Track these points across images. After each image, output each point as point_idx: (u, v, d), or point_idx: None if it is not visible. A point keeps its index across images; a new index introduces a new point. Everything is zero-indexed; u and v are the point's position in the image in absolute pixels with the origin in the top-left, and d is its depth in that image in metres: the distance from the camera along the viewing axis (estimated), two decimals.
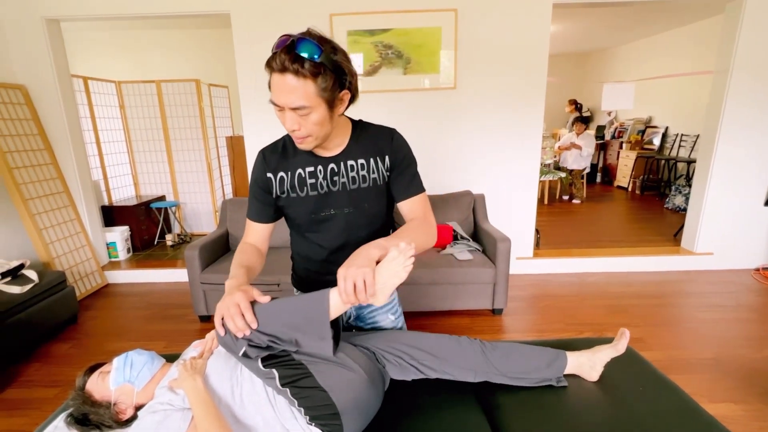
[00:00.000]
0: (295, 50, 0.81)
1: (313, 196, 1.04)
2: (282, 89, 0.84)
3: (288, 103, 0.85)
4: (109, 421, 1.03)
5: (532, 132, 3.08)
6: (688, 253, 3.38)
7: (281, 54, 0.82)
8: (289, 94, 0.84)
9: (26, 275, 2.43)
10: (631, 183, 6.40)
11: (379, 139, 1.05)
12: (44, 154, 3.02)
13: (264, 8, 2.85)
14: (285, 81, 0.83)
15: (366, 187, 1.05)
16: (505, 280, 2.53)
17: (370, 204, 1.07)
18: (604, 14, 5.00)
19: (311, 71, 0.82)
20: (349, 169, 1.03)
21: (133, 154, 4.33)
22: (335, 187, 1.04)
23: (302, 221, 1.09)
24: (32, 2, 2.84)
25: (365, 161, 1.04)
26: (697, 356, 2.16)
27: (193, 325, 2.62)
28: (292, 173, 1.04)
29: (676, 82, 5.80)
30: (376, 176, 1.04)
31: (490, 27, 2.87)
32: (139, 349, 1.14)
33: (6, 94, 2.83)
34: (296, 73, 0.82)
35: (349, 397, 0.97)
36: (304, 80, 0.83)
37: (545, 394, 1.14)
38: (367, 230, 1.09)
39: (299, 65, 0.81)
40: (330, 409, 0.95)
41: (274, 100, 0.87)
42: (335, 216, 1.06)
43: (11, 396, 1.98)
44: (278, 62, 0.82)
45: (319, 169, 1.03)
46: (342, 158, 1.03)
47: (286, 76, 0.83)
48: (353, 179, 1.04)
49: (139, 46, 5.18)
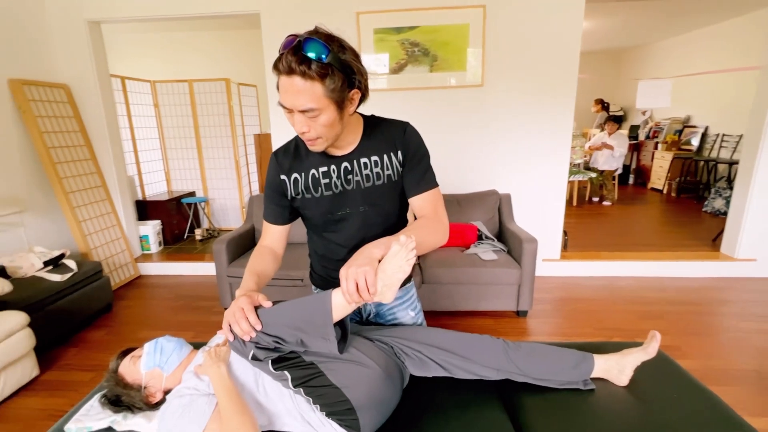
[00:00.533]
0: (302, 51, 0.79)
1: (327, 196, 1.03)
2: (290, 91, 0.82)
3: (296, 106, 0.83)
4: (140, 404, 1.07)
5: (561, 131, 3.00)
6: (728, 258, 3.21)
7: (288, 55, 0.79)
8: (297, 97, 0.82)
9: (66, 264, 2.56)
10: (667, 185, 6.13)
11: (392, 133, 1.03)
12: (84, 150, 3.18)
13: (292, 8, 2.90)
14: (292, 83, 0.81)
15: (380, 184, 1.03)
16: (530, 282, 2.48)
17: (385, 201, 1.06)
18: (640, 9, 4.81)
19: (319, 72, 0.79)
20: (362, 167, 1.01)
21: (165, 150, 4.50)
22: (349, 186, 1.02)
23: (318, 221, 1.08)
24: (76, 6, 3.00)
25: (378, 158, 1.01)
26: (736, 367, 2.04)
27: (219, 317, 2.70)
28: (306, 174, 1.02)
29: (718, 80, 5.52)
30: (390, 172, 1.03)
31: (520, 23, 2.81)
32: (168, 336, 1.18)
33: (51, 93, 2.99)
34: (303, 75, 0.79)
35: (363, 392, 0.98)
36: (312, 82, 0.80)
37: (571, 396, 1.11)
38: (383, 227, 1.09)
39: (306, 67, 0.79)
40: (345, 404, 0.96)
41: (282, 102, 0.85)
42: (351, 215, 1.05)
43: (51, 378, 2.09)
44: (285, 64, 0.80)
45: (333, 169, 1.01)
46: (355, 156, 1.01)
47: (293, 78, 0.80)
48: (367, 177, 1.02)
49: (173, 47, 5.38)
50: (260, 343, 0.94)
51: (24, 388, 2.00)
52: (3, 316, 1.91)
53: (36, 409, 1.85)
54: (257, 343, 0.94)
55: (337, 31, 0.87)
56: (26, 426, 1.74)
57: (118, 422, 1.05)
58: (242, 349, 0.97)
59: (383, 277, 0.85)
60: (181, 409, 0.97)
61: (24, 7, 2.85)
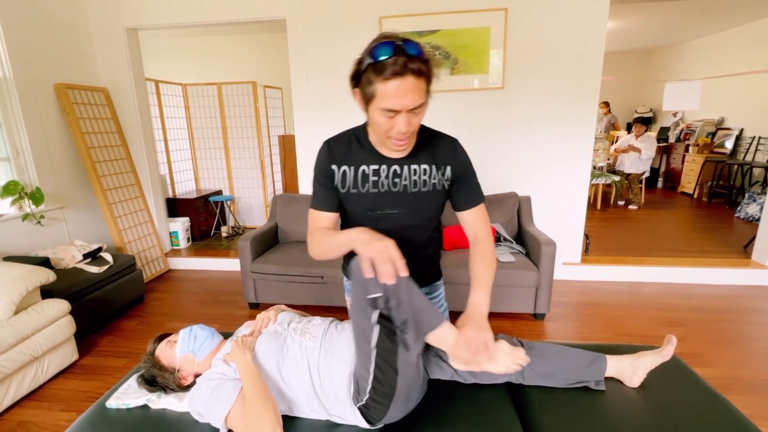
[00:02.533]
0: (407, 52, 0.83)
1: (372, 193, 1.06)
2: (401, 92, 0.84)
3: (409, 105, 0.85)
4: (173, 385, 1.16)
5: (583, 133, 2.97)
6: (760, 266, 3.10)
7: (398, 57, 0.82)
8: (410, 95, 0.85)
9: (103, 257, 2.73)
10: (697, 189, 5.93)
11: (443, 147, 1.07)
12: (120, 149, 3.37)
13: (317, 13, 2.99)
14: (405, 83, 0.83)
15: (426, 191, 1.07)
16: (548, 285, 2.48)
17: (427, 208, 1.10)
18: (669, 9, 4.68)
19: (425, 68, 0.85)
20: (412, 172, 1.05)
21: (195, 151, 4.68)
22: (396, 188, 1.05)
23: (357, 216, 1.10)
24: (115, 15, 3.19)
25: (428, 167, 1.06)
26: (763, 377, 1.99)
27: (242, 311, 2.81)
28: (356, 169, 1.05)
29: (754, 80, 5.30)
30: (435, 182, 1.07)
31: (542, 25, 2.81)
32: (202, 324, 1.27)
33: (91, 96, 3.19)
34: (415, 72, 0.83)
35: (406, 387, 1.02)
36: (420, 79, 0.85)
37: (581, 395, 1.14)
38: (419, 231, 1.13)
39: (416, 64, 0.83)
40: (390, 390, 1.00)
41: (391, 106, 0.85)
42: (391, 215, 1.08)
43: (88, 362, 2.24)
44: (398, 66, 0.82)
45: (383, 169, 1.04)
46: (407, 161, 1.05)
47: (406, 78, 0.83)
48: (415, 183, 1.06)
49: (203, 52, 5.59)
50: (381, 294, 0.92)
51: (65, 371, 2.15)
52: (48, 304, 2.06)
53: (75, 391, 1.99)
54: (383, 293, 0.91)
55: (356, 37, 0.91)
56: (67, 405, 1.88)
57: (153, 401, 1.15)
58: (372, 287, 0.91)
59: (491, 366, 1.02)
60: (209, 391, 1.05)
61: (68, 17, 3.05)
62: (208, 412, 1.03)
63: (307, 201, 3.10)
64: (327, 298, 2.67)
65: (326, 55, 3.06)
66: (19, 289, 1.94)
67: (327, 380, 1.06)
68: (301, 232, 3.06)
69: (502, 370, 1.07)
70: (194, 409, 1.07)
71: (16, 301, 1.92)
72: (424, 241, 1.17)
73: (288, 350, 1.12)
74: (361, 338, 1.00)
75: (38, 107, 2.80)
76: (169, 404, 1.14)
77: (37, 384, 1.97)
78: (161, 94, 4.20)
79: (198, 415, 1.06)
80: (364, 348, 0.99)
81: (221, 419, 1.01)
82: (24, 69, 2.69)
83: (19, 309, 1.96)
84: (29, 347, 1.90)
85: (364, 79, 0.87)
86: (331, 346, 1.11)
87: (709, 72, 6.04)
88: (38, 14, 2.81)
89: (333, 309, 2.71)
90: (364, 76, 0.87)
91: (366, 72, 0.86)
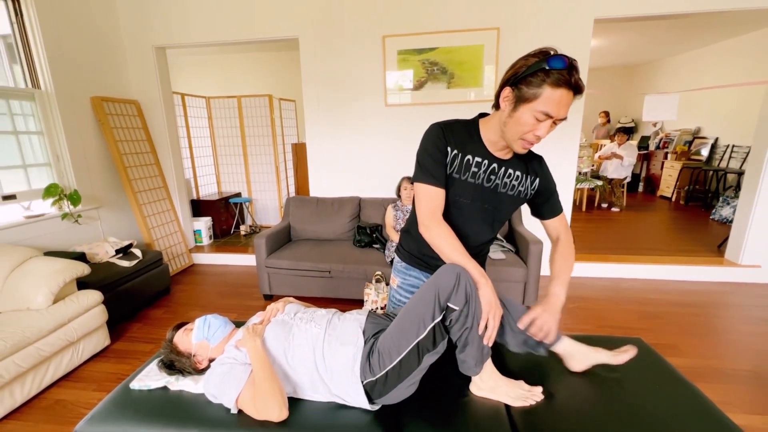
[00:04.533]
0: (576, 70, 0.85)
1: (470, 182, 1.04)
2: (564, 103, 0.87)
3: (562, 115, 0.88)
4: (189, 369, 1.17)
5: (569, 140, 2.94)
6: (732, 264, 3.05)
7: (572, 72, 0.84)
8: (566, 107, 0.88)
9: (134, 253, 2.75)
10: (675, 193, 5.85)
11: (533, 162, 1.10)
12: (150, 156, 3.40)
13: (327, 32, 3.00)
14: (569, 97, 0.86)
15: (513, 195, 1.08)
16: (536, 280, 2.46)
17: (507, 209, 1.11)
18: (649, 28, 4.63)
19: (582, 88, 0.87)
20: (507, 175, 1.06)
21: (216, 157, 4.71)
22: (489, 184, 1.05)
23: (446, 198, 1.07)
24: (146, 34, 3.21)
25: (521, 174, 1.07)
26: (733, 367, 1.96)
27: (258, 302, 2.82)
28: (463, 155, 1.02)
29: (728, 93, 5.22)
30: (523, 189, 1.09)
31: (531, 43, 2.76)
32: (216, 314, 1.27)
33: (124, 108, 3.22)
34: (575, 89, 0.86)
35: (417, 376, 1.03)
36: (576, 96, 0.88)
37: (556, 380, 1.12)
38: (489, 228, 1.13)
39: (580, 83, 0.86)
40: (405, 375, 1.01)
41: (549, 111, 0.87)
42: (470, 206, 1.07)
43: (120, 347, 2.26)
44: (573, 81, 0.85)
45: (485, 163, 1.03)
46: (506, 164, 1.05)
47: (571, 92, 0.86)
48: (505, 184, 1.06)
49: (225, 68, 5.63)
50: (458, 309, 0.95)
51: (97, 354, 2.17)
52: (83, 294, 2.08)
53: (107, 372, 2.01)
54: (460, 309, 0.95)
55: (362, 50, 0.92)
56: (99, 386, 1.90)
57: (171, 383, 1.15)
58: (444, 292, 0.95)
59: (507, 389, 1.06)
60: (222, 375, 1.05)
61: (103, 37, 3.09)
62: (220, 393, 1.03)
63: (316, 203, 3.11)
64: (333, 290, 2.66)
65: (334, 70, 3.06)
66: (58, 280, 1.96)
67: (331, 363, 1.06)
68: (311, 231, 3.06)
69: (518, 403, 1.06)
70: (208, 391, 1.07)
71: (54, 292, 1.94)
72: (487, 241, 1.17)
73: (294, 337, 1.12)
74: (409, 324, 1.00)
75: (76, 118, 2.84)
76: (186, 386, 1.14)
77: (73, 366, 1.99)
78: (187, 105, 4.23)
79: (212, 397, 1.06)
80: (406, 333, 0.99)
81: (233, 400, 1.01)
82: (64, 83, 2.73)
83: (58, 299, 1.98)
84: (66, 333, 1.92)
85: (530, 81, 0.87)
86: (334, 332, 1.11)
87: (687, 86, 5.96)
88: (76, 34, 2.84)
89: (338, 300, 2.71)
90: (530, 78, 0.86)
91: (535, 75, 0.86)
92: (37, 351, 1.76)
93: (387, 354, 1.01)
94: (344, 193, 3.30)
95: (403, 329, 1.00)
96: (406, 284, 1.25)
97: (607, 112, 6.99)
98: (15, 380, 1.70)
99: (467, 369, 1.04)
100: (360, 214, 3.09)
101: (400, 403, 1.07)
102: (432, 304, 0.96)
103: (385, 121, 3.11)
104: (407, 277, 1.25)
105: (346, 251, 2.76)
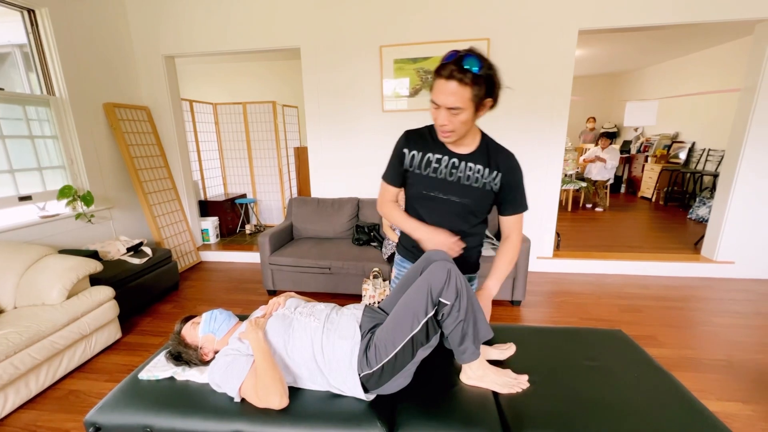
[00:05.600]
0: (462, 63, 0.88)
1: (431, 177, 1.11)
2: (444, 92, 0.91)
3: (446, 104, 0.93)
4: (196, 360, 1.16)
5: (555, 145, 2.95)
6: (708, 260, 3.07)
7: (451, 65, 0.88)
8: (449, 97, 0.91)
9: (144, 251, 2.74)
10: (655, 194, 5.87)
11: (500, 157, 1.10)
12: (159, 159, 3.38)
13: (327, 42, 2.99)
14: (448, 86, 0.90)
15: (476, 187, 1.10)
16: (524, 276, 2.46)
17: (473, 201, 1.12)
18: (631, 38, 4.64)
19: (471, 81, 0.89)
20: (468, 168, 1.09)
21: (223, 160, 4.70)
22: (451, 178, 1.09)
23: (415, 193, 1.15)
24: (155, 43, 3.20)
25: (482, 167, 1.09)
26: (708, 357, 1.97)
27: (262, 297, 2.81)
28: (424, 154, 1.11)
29: (705, 100, 5.25)
30: (486, 182, 1.10)
31: (520, 53, 2.80)
32: (221, 308, 1.27)
33: (135, 114, 3.21)
34: (460, 81, 0.89)
35: (410, 368, 1.04)
36: (464, 87, 0.90)
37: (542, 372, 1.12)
38: (462, 220, 1.14)
39: (463, 75, 0.88)
40: (399, 367, 1.01)
41: (434, 99, 0.95)
42: (441, 200, 1.11)
43: (131, 340, 2.25)
44: (447, 71, 0.89)
45: (445, 159, 1.09)
46: (467, 158, 1.09)
47: (450, 82, 0.90)
48: (468, 177, 1.09)
49: (230, 75, 5.61)
50: (449, 304, 0.97)
51: (109, 347, 2.16)
52: (95, 290, 2.07)
53: (118, 364, 2.00)
54: (451, 303, 0.96)
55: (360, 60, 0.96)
56: (111, 377, 1.89)
57: (178, 373, 1.15)
58: (437, 288, 0.96)
59: (495, 377, 1.06)
60: (226, 365, 1.05)
61: (115, 46, 3.07)
62: (224, 383, 1.03)
63: (317, 203, 3.11)
64: (333, 286, 2.66)
65: (334, 78, 3.06)
66: (71, 277, 1.95)
67: (329, 356, 1.06)
68: (312, 230, 3.06)
69: (505, 390, 1.07)
70: (212, 381, 1.07)
71: (68, 288, 1.93)
72: (468, 232, 1.17)
73: (294, 330, 1.12)
74: (403, 320, 1.00)
75: (89, 123, 2.82)
76: (192, 377, 1.14)
77: (86, 358, 1.98)
78: (195, 111, 4.21)
79: (216, 386, 1.06)
80: (401, 328, 0.99)
81: (235, 389, 1.01)
82: (78, 90, 2.71)
83: (71, 294, 1.97)
84: (79, 327, 1.92)
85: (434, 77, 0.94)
86: (333, 326, 1.11)
87: (666, 93, 5.99)
88: (90, 44, 2.83)
89: (338, 296, 2.70)
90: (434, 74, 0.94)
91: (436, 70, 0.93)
92: (51, 344, 1.76)
93: (383, 348, 1.01)
94: (344, 194, 3.30)
95: (398, 324, 1.00)
96: (401, 275, 1.29)
97: (594, 118, 7.01)
98: (30, 371, 1.69)
99: (469, 356, 1.03)
100: (359, 213, 3.09)
101: (393, 393, 1.07)
102: (425, 299, 0.97)
103: (382, 126, 3.11)
104: (401, 269, 1.29)
105: (345, 249, 2.75)
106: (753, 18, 2.54)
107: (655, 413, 0.94)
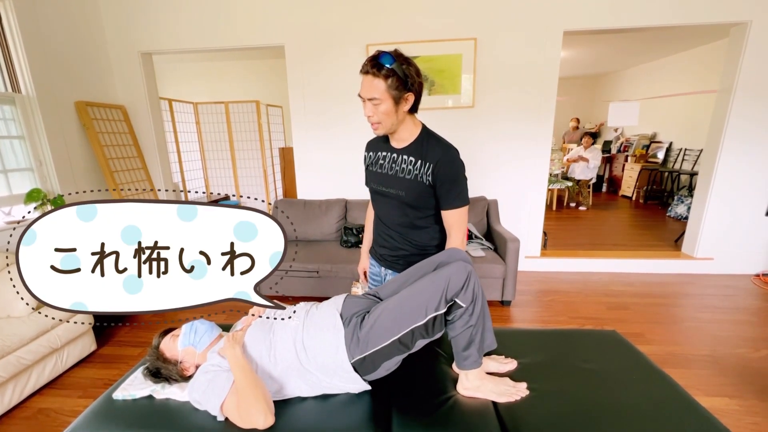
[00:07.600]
0: (377, 59, 1.00)
1: (378, 173, 1.20)
2: (363, 85, 1.03)
3: (366, 95, 1.04)
4: (176, 376, 1.08)
5: (541, 145, 2.97)
6: (688, 257, 3.14)
7: (368, 61, 1.01)
8: (367, 89, 1.03)
9: None
10: (635, 193, 6.03)
11: (434, 150, 1.10)
12: (137, 160, 3.23)
13: (312, 41, 2.92)
14: (366, 79, 1.02)
15: (410, 179, 1.12)
16: (513, 276, 2.45)
17: (412, 193, 1.13)
18: (613, 40, 4.74)
19: (384, 74, 0.99)
20: (403, 161, 1.14)
21: (205, 161, 4.55)
22: (391, 172, 1.16)
23: (370, 188, 1.26)
24: (131, 40, 3.05)
25: (415, 159, 1.11)
26: (693, 352, 2.00)
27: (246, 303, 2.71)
28: (374, 153, 1.23)
29: (681, 101, 5.41)
30: (419, 174, 1.11)
31: (506, 53, 2.80)
32: (202, 319, 1.19)
33: (110, 113, 3.05)
34: (374, 74, 1.00)
35: (403, 357, 1.02)
36: (378, 79, 1.00)
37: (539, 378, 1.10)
38: (401, 213, 1.18)
39: (376, 69, 0.99)
40: (395, 354, 1.00)
41: (360, 93, 1.05)
42: (389, 194, 1.18)
43: (107, 352, 2.13)
44: (365, 66, 1.02)
45: (387, 155, 1.18)
46: (402, 152, 1.15)
47: (368, 75, 1.01)
48: (402, 170, 1.14)
49: (212, 74, 5.45)
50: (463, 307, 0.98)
51: (83, 360, 2.03)
52: None
53: (93, 378, 1.88)
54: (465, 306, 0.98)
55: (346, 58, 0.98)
56: (85, 392, 1.77)
57: (157, 391, 1.07)
58: (453, 289, 0.97)
59: (492, 386, 1.03)
60: (206, 383, 0.98)
61: (88, 42, 2.91)
62: (205, 401, 0.96)
63: (304, 205, 3.04)
64: (322, 289, 2.59)
65: (320, 78, 2.99)
66: None
67: (312, 350, 1.01)
68: (300, 232, 2.98)
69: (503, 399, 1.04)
70: (193, 398, 0.99)
71: None
72: (415, 224, 1.18)
73: (275, 334, 1.07)
74: (410, 308, 0.98)
75: (60, 122, 2.66)
76: (173, 394, 1.06)
77: (57, 373, 1.86)
78: (175, 111, 4.06)
79: (197, 404, 0.99)
80: (406, 316, 0.98)
81: (217, 408, 0.94)
82: (46, 87, 2.55)
83: (40, 305, 1.84)
84: (49, 340, 1.79)
85: None
86: (311, 320, 1.07)
87: (645, 94, 6.15)
88: (59, 38, 2.67)
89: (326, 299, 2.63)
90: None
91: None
92: (17, 359, 1.63)
93: (383, 331, 0.98)
94: (331, 196, 3.23)
95: (404, 312, 0.98)
96: (374, 272, 1.39)
97: (578, 118, 7.14)
98: None
99: (470, 364, 1.02)
100: (347, 215, 3.03)
101: (390, 404, 1.02)
102: (439, 295, 0.96)
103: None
104: (371, 266, 1.40)
105: (333, 251, 2.69)
106: (728, 21, 2.62)
107: (657, 416, 0.93)
